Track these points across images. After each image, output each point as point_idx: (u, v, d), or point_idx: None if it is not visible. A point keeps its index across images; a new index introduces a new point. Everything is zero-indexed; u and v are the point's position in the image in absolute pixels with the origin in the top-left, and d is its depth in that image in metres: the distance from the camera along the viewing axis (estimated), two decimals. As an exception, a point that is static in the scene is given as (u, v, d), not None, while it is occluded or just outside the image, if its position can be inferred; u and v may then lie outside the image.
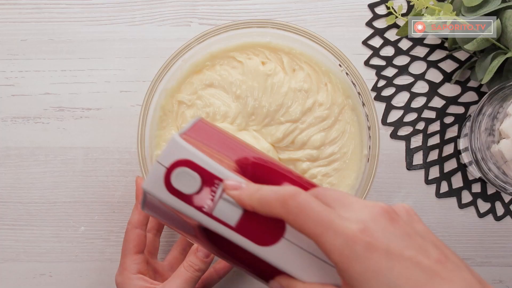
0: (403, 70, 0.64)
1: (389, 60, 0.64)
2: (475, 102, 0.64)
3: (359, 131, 0.58)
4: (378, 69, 0.64)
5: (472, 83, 0.64)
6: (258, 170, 0.38)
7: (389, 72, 0.64)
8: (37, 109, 0.64)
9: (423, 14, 0.59)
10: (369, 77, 0.64)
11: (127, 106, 0.64)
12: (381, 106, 0.64)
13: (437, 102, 0.64)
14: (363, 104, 0.56)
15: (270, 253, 0.35)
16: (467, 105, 0.64)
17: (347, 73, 0.56)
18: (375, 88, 0.64)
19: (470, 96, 0.64)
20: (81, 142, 0.64)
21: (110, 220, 0.64)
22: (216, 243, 0.37)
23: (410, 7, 0.64)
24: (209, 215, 0.35)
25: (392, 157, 0.64)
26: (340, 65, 0.56)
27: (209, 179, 0.35)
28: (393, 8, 0.62)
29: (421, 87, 0.64)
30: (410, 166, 0.64)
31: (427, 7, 0.58)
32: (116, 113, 0.64)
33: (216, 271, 0.58)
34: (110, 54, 0.64)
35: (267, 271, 0.36)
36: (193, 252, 0.53)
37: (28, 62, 0.64)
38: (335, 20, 0.64)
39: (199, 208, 0.35)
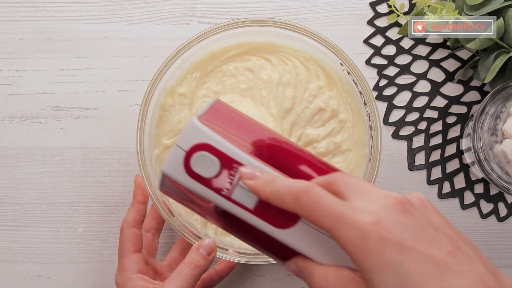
0: (404, 69, 0.64)
1: (390, 59, 0.64)
2: (478, 102, 0.63)
3: (361, 131, 0.58)
4: (380, 68, 0.64)
5: (474, 83, 0.63)
6: (275, 152, 0.38)
7: (391, 71, 0.64)
8: (35, 109, 0.64)
9: (425, 13, 0.58)
10: (371, 76, 0.63)
11: (125, 106, 0.64)
12: (382, 106, 0.63)
13: (439, 102, 0.64)
14: (365, 104, 0.56)
15: (287, 235, 0.35)
16: (469, 105, 0.63)
17: (348, 72, 0.56)
18: (376, 87, 0.64)
19: (472, 96, 0.64)
20: (79, 142, 0.63)
21: (109, 221, 0.63)
22: (233, 223, 0.38)
23: (412, 5, 0.63)
24: (228, 198, 0.36)
25: (394, 157, 0.63)
26: (341, 64, 0.56)
27: (228, 163, 0.36)
28: (394, 7, 0.62)
29: (423, 86, 0.64)
30: (412, 167, 0.63)
31: (429, 5, 0.58)
32: (114, 112, 0.64)
33: (217, 272, 0.58)
34: (109, 53, 0.64)
35: (284, 252, 0.37)
36: (195, 249, 0.52)
37: (25, 61, 0.64)
38: (336, 19, 0.64)
39: (218, 191, 0.36)
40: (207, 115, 0.38)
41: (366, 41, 0.64)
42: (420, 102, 0.64)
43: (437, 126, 0.63)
